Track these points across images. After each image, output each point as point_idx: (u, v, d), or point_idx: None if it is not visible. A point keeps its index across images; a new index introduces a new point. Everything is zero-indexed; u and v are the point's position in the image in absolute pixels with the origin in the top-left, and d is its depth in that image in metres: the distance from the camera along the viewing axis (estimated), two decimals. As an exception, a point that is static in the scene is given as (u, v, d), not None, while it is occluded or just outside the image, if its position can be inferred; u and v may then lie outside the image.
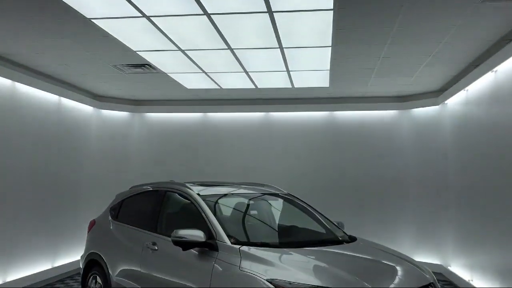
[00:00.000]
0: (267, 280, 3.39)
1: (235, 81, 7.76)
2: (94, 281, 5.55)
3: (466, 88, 7.00)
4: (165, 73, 7.21)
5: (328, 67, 6.75)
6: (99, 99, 9.19)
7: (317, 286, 3.29)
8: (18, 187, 6.87)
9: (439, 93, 8.28)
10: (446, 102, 8.13)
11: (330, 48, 5.84)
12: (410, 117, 8.97)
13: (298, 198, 5.45)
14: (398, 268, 3.89)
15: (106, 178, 9.15)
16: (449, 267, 7.98)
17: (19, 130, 6.94)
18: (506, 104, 5.65)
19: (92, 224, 6.00)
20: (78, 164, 8.65)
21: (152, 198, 5.18)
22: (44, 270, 7.45)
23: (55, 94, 7.82)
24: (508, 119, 5.58)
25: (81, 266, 5.93)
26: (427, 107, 8.68)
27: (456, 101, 7.68)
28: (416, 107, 8.84)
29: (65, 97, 8.11)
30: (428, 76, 7.28)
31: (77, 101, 8.49)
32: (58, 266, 7.82)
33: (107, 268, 5.26)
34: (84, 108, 8.85)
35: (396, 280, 3.66)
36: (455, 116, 7.79)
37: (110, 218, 5.69)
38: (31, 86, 7.16)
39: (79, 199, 8.61)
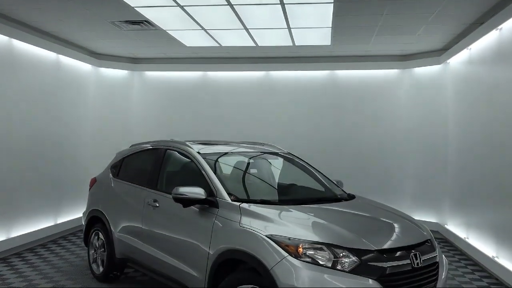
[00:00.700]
0: (266, 236, 3.46)
1: (235, 39, 7.63)
2: (96, 237, 5.65)
3: (469, 47, 6.90)
4: (163, 30, 7.08)
5: (330, 24, 6.63)
6: (98, 57, 9.08)
7: (316, 241, 3.35)
8: (17, 146, 6.88)
9: (442, 52, 8.17)
10: (448, 61, 8.03)
11: (332, 4, 5.71)
12: (411, 76, 8.88)
13: (297, 157, 5.48)
14: (395, 225, 3.95)
15: (106, 136, 9.15)
16: (445, 226, 8.11)
17: (17, 88, 6.87)
18: (510, 63, 5.58)
19: (93, 181, 6.05)
20: (78, 122, 8.63)
21: (152, 156, 5.21)
22: (47, 227, 7.56)
23: (52, 51, 7.70)
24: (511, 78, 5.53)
25: (83, 223, 6.03)
26: (429, 66, 8.58)
27: (458, 60, 7.59)
28: (418, 66, 8.74)
29: (63, 55, 8.00)
30: (430, 34, 7.15)
31: (75, 58, 8.38)
32: (60, 223, 7.94)
33: (109, 225, 5.34)
34: (82, 66, 8.74)
35: (394, 237, 3.72)
36: (457, 75, 7.72)
37: (111, 175, 5.73)
38: (28, 43, 7.03)
39: (79, 157, 8.64)
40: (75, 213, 8.27)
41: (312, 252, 3.29)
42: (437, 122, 8.40)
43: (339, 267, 3.23)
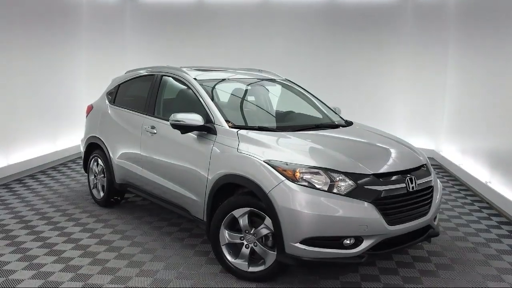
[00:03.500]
0: (264, 161, 3.49)
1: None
2: (95, 163, 5.71)
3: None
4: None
5: None
6: (88, -20, 8.74)
7: (313, 166, 3.39)
8: (12, 74, 6.78)
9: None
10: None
11: None
12: (414, 0, 8.61)
13: (295, 84, 5.41)
14: (392, 150, 3.98)
15: (101, 62, 9.00)
16: (441, 153, 8.21)
17: (8, 14, 6.65)
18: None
19: (90, 108, 6.02)
20: (72, 49, 8.43)
21: (148, 83, 5.13)
22: (46, 154, 7.62)
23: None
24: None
25: (82, 150, 6.06)
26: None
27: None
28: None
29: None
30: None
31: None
32: (60, 150, 8.00)
33: (108, 151, 5.38)
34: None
35: (390, 161, 3.76)
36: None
37: (107, 102, 5.69)
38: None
39: (74, 84, 8.55)
40: (74, 140, 8.30)
41: (309, 177, 3.34)
42: (437, 48, 8.26)
43: (335, 190, 3.30)
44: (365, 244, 3.30)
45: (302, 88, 5.37)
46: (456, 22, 7.71)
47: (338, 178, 3.33)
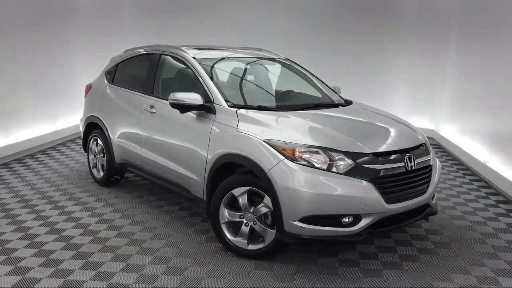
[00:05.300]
0: (263, 140, 3.50)
1: None
2: (95, 143, 5.71)
3: None
4: None
5: None
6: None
7: (312, 145, 3.39)
8: (11, 54, 6.74)
9: None
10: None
11: None
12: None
13: (295, 63, 5.39)
14: (391, 129, 3.98)
15: (99, 42, 8.93)
16: (440, 132, 8.21)
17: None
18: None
19: (88, 88, 5.99)
20: (70, 27, 8.37)
21: (147, 62, 5.10)
22: (46, 134, 7.63)
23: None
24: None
25: (81, 129, 6.06)
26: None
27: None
28: None
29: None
30: None
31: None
32: (59, 130, 8.00)
33: (107, 131, 5.37)
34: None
35: (389, 141, 3.76)
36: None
37: (106, 81, 5.66)
38: None
39: (72, 63, 8.50)
40: (72, 120, 8.30)
41: (308, 156, 3.35)
42: (439, 30, 8.20)
43: (334, 169, 3.31)
44: (364, 222, 3.33)
45: (302, 67, 5.34)
46: (459, 5, 7.62)
47: (337, 157, 3.34)
